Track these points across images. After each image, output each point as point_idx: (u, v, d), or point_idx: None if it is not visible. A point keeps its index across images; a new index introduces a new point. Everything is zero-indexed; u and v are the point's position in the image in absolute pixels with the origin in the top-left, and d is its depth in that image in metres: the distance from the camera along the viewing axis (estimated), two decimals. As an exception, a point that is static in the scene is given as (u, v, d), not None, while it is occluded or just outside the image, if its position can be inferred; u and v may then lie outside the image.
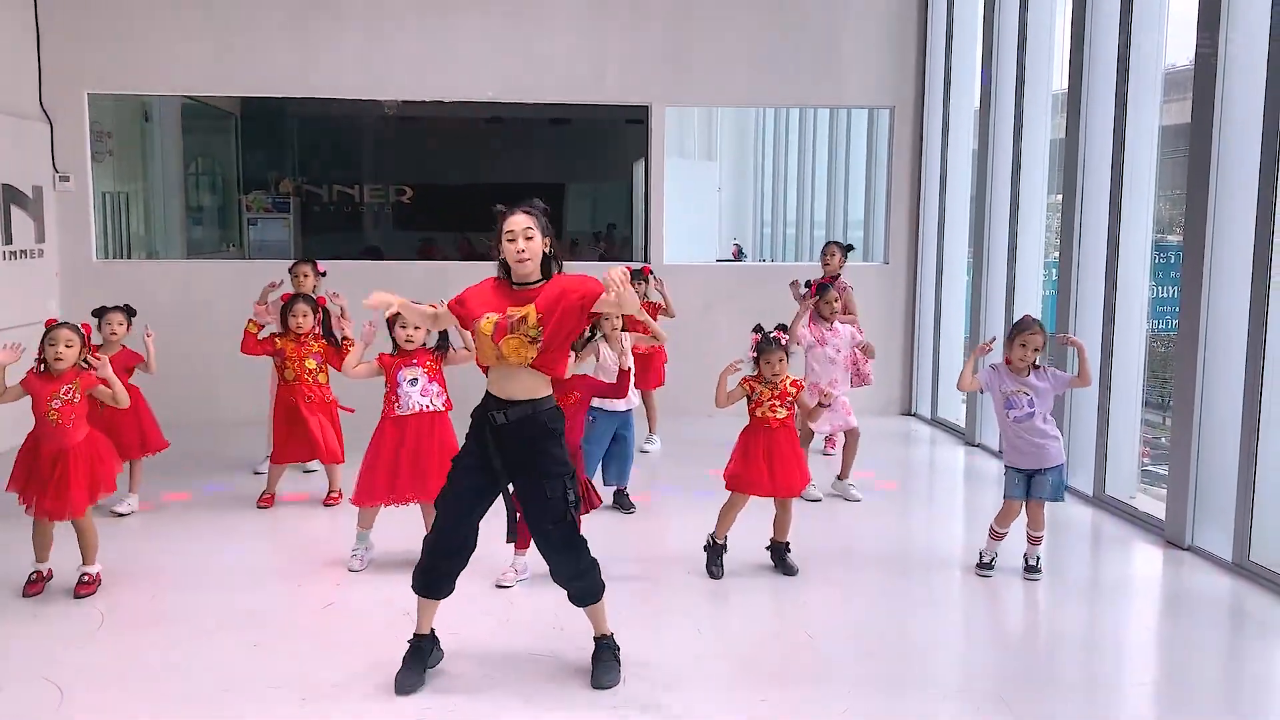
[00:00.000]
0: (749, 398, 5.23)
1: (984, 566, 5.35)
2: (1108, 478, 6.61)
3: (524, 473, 3.92)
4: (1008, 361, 5.26)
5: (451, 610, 4.57)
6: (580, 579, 4.05)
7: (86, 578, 4.93)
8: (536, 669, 4.18)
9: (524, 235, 3.80)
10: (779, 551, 5.33)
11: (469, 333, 4.21)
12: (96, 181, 8.94)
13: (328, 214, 13.30)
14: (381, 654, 4.16)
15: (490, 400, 3.92)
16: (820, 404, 5.43)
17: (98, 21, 8.56)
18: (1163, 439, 7.54)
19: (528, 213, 3.85)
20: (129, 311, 6.23)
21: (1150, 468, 6.90)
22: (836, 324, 6.74)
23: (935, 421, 9.13)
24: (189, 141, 12.18)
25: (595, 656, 4.12)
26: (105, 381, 4.90)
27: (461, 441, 4.14)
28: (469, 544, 3.97)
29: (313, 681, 4.05)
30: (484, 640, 4.40)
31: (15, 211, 7.91)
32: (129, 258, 10.30)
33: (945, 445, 8.54)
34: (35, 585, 4.92)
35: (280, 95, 9.31)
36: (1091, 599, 5.28)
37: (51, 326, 4.90)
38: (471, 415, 4.00)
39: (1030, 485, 5.26)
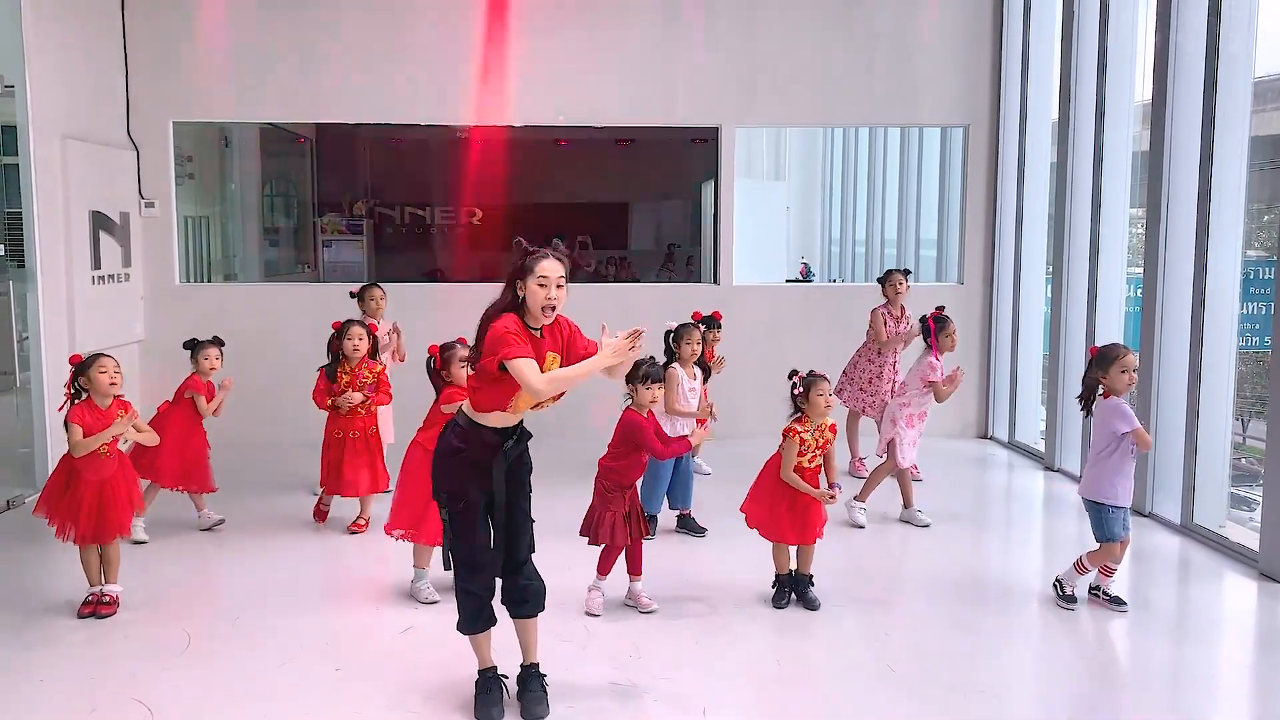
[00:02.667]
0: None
1: (1068, 599, 5.20)
2: (1196, 506, 6.41)
3: (518, 476, 3.97)
4: (1107, 395, 5.04)
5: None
6: (540, 580, 4.04)
7: (108, 598, 5.04)
8: (615, 697, 4.17)
9: (556, 283, 3.76)
10: (800, 584, 5.21)
11: (477, 372, 3.87)
12: (178, 206, 9.18)
13: (400, 235, 13.54)
14: (463, 678, 4.17)
15: (491, 435, 3.86)
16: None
17: (181, 53, 8.81)
18: (1243, 460, 7.30)
19: (559, 260, 3.79)
20: (220, 343, 6.40)
21: (1232, 490, 6.67)
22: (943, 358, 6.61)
23: (1013, 445, 8.95)
24: (266, 165, 12.49)
25: (524, 686, 4.06)
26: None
27: None
28: (498, 573, 4.01)
29: (396, 707, 4.09)
30: (563, 668, 4.39)
31: (104, 237, 8.16)
32: (209, 281, 10.56)
33: (1023, 470, 8.36)
34: (88, 606, 5.01)
35: (356, 121, 9.49)
36: (1181, 634, 5.11)
37: (92, 356, 5.03)
38: (463, 455, 3.87)
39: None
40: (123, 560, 5.15)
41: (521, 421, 3.96)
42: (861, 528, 6.50)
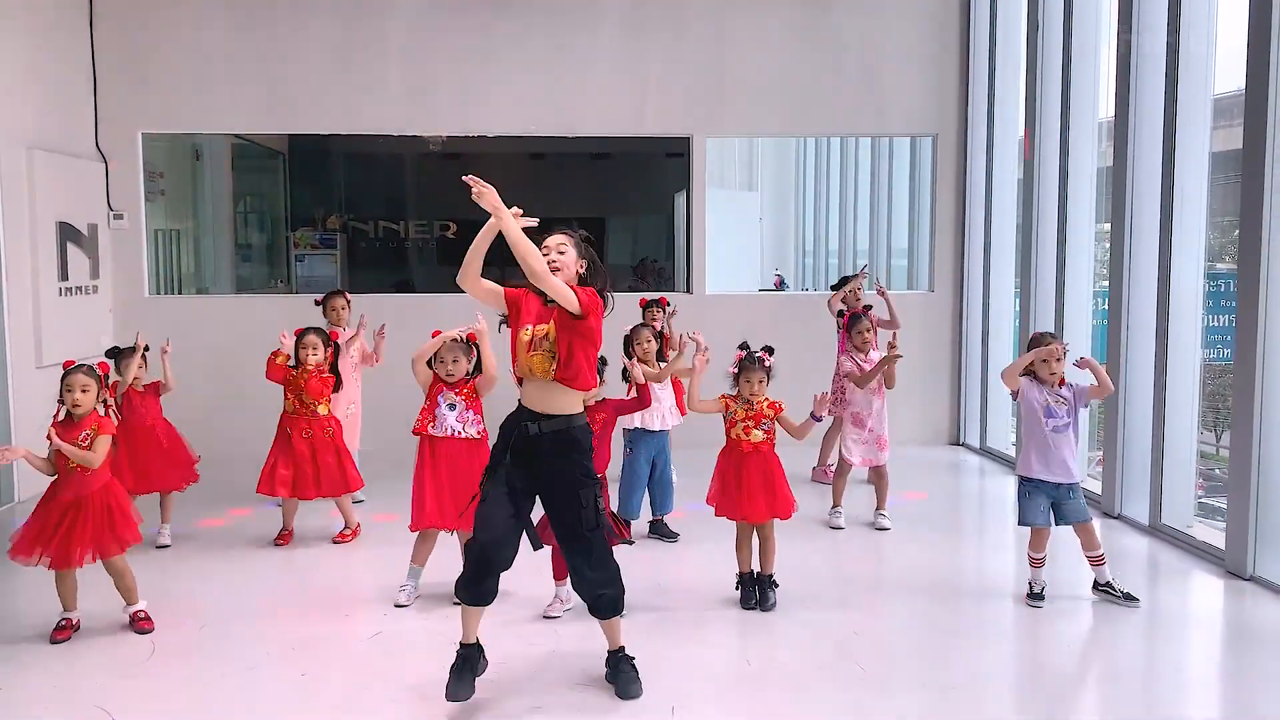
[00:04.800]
0: (724, 415, 5.18)
1: (1035, 597, 5.24)
2: (1164, 507, 6.47)
3: (554, 484, 4.04)
4: (1033, 375, 5.22)
5: (499, 641, 4.58)
6: (608, 587, 4.12)
7: (140, 614, 4.91)
8: (585, 699, 4.15)
9: (557, 249, 4.00)
10: (761, 584, 5.19)
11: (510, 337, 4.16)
12: (149, 219, 9.13)
13: (374, 250, 13.49)
14: (430, 682, 4.15)
15: (524, 412, 4.04)
16: (814, 416, 5.12)
17: (151, 64, 8.79)
18: (1217, 470, 7.38)
19: (565, 233, 4.06)
20: (144, 350, 6.20)
21: (1205, 500, 6.75)
22: (872, 353, 6.68)
23: (984, 451, 9.00)
24: (238, 180, 12.41)
25: (616, 669, 4.20)
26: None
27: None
28: (513, 551, 4.05)
29: (363, 711, 4.06)
30: (532, 671, 4.39)
31: (71, 249, 8.09)
32: (180, 293, 10.48)
33: (995, 475, 8.40)
34: (63, 632, 4.82)
35: (328, 133, 9.48)
36: (1150, 631, 5.13)
37: (67, 370, 4.81)
38: (500, 427, 4.11)
39: (1061, 511, 5.16)
40: (84, 575, 4.89)
41: (561, 418, 3.99)
42: (840, 529, 6.57)
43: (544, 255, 3.95)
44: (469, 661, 4.05)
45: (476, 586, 4.02)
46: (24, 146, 7.45)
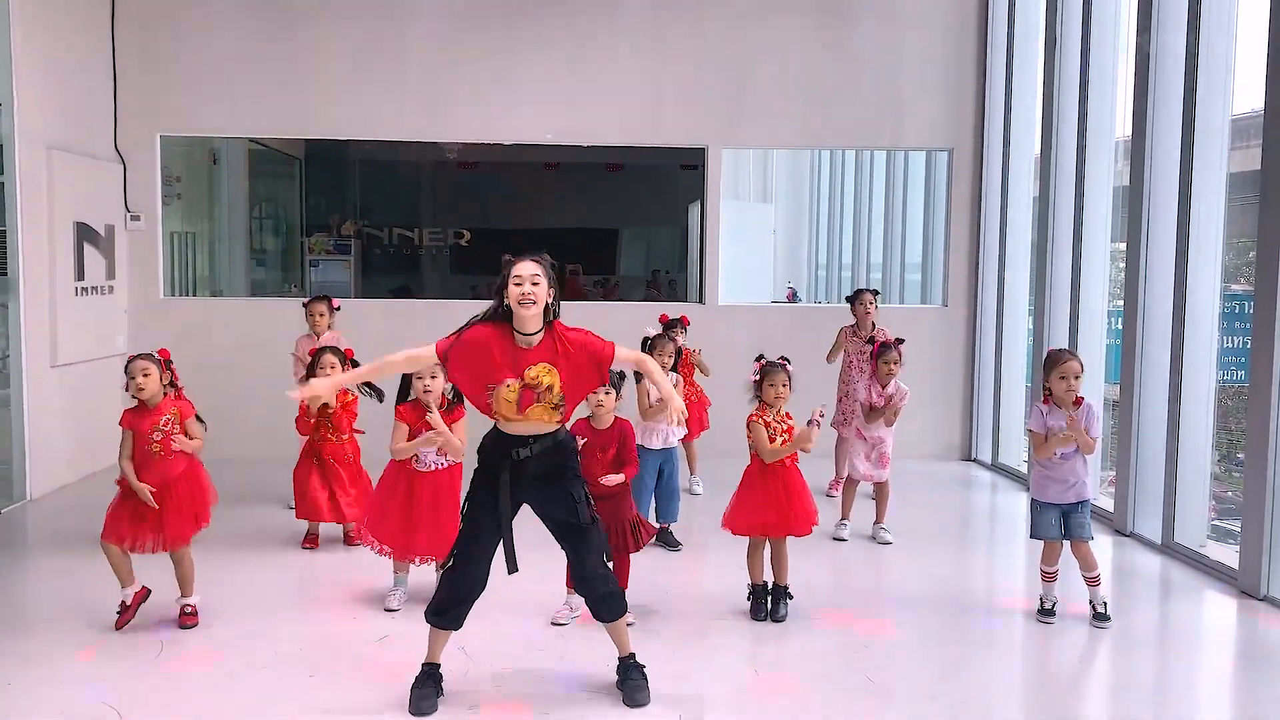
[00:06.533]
0: (766, 435, 5.04)
1: (1045, 613, 5.21)
2: (1176, 525, 6.43)
3: (544, 488, 4.06)
4: (1047, 399, 5.12)
5: (508, 648, 4.58)
6: (606, 584, 4.15)
7: (189, 608, 4.94)
8: (592, 706, 4.14)
9: (531, 280, 3.88)
10: (775, 595, 5.15)
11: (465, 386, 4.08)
12: (165, 221, 9.18)
13: (388, 256, 13.55)
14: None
15: (506, 440, 4.00)
16: (812, 422, 4.89)
17: (170, 67, 8.84)
18: (1230, 493, 7.34)
19: (536, 261, 3.94)
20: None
21: (1218, 523, 6.70)
22: (891, 386, 6.59)
23: (996, 467, 8.96)
24: (254, 185, 12.49)
25: (625, 676, 4.20)
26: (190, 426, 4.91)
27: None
28: (487, 579, 4.09)
29: (367, 712, 4.05)
30: (540, 678, 4.37)
31: (88, 249, 8.13)
32: (194, 295, 10.54)
33: (1006, 491, 8.36)
34: (128, 612, 4.83)
35: (344, 138, 9.52)
36: (1161, 648, 5.11)
37: (129, 360, 4.86)
38: (480, 453, 4.07)
39: (1067, 526, 5.11)
40: (95, 572, 4.94)
41: (548, 436, 3.99)
42: (843, 540, 6.56)
43: (517, 286, 3.86)
44: (433, 678, 4.11)
45: (453, 611, 4.07)
46: (44, 146, 7.51)
